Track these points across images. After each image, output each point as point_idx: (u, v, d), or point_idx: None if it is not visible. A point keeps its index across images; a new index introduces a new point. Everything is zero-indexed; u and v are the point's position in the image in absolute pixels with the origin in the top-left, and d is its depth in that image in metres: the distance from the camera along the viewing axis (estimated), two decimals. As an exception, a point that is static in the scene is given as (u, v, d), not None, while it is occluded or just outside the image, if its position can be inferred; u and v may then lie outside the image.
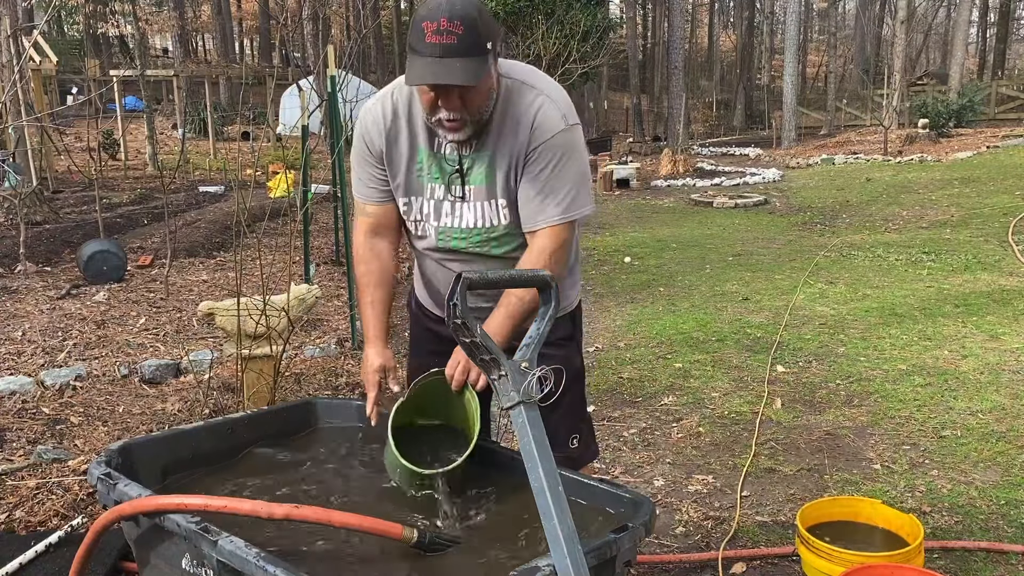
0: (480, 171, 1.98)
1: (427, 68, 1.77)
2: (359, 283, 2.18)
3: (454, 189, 2.00)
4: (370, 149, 2.04)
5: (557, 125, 1.94)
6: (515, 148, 1.95)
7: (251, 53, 45.16)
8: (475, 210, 2.00)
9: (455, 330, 1.48)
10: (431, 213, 2.04)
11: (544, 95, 1.95)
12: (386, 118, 2.01)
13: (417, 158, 2.01)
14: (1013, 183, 11.90)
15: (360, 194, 2.13)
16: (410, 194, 2.05)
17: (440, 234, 2.04)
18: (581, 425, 2.28)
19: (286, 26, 20.12)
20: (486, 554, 1.66)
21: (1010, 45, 39.80)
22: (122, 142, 16.25)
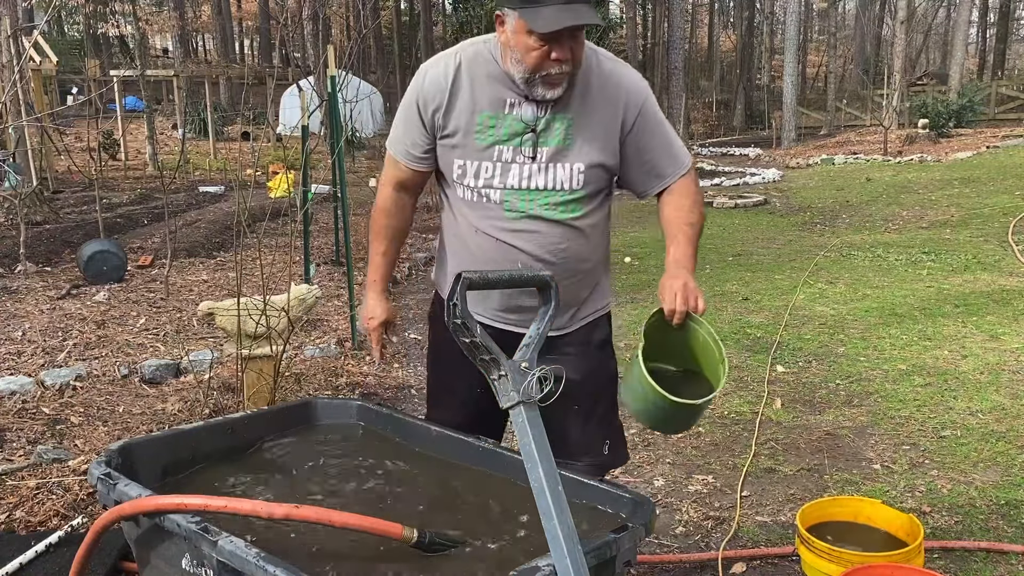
0: (557, 133, 1.96)
1: (560, 13, 1.78)
2: (377, 233, 2.21)
3: (525, 150, 1.97)
4: (422, 109, 2.01)
5: (645, 86, 2.04)
6: (607, 114, 1.98)
7: (251, 53, 45.16)
8: (546, 172, 1.98)
9: (455, 330, 1.48)
10: (495, 175, 1.99)
11: (619, 62, 2.04)
12: (447, 77, 1.98)
13: (477, 120, 1.98)
14: (1013, 183, 11.90)
15: (397, 152, 2.11)
16: (467, 157, 2.01)
17: (507, 196, 2.00)
18: (612, 430, 2.27)
19: (286, 26, 20.09)
20: (486, 554, 1.66)
21: (1010, 45, 39.80)
22: (122, 142, 16.26)
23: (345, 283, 5.86)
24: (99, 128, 12.56)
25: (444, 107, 1.98)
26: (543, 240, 2.01)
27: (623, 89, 1.99)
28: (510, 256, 2.01)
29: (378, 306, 2.23)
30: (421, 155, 2.07)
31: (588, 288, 2.16)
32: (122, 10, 25.95)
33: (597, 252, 2.14)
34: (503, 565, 1.54)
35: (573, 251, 2.05)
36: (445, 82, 1.98)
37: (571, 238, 2.04)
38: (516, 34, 1.86)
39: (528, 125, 1.96)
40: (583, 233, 2.05)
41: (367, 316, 2.25)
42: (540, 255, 2.01)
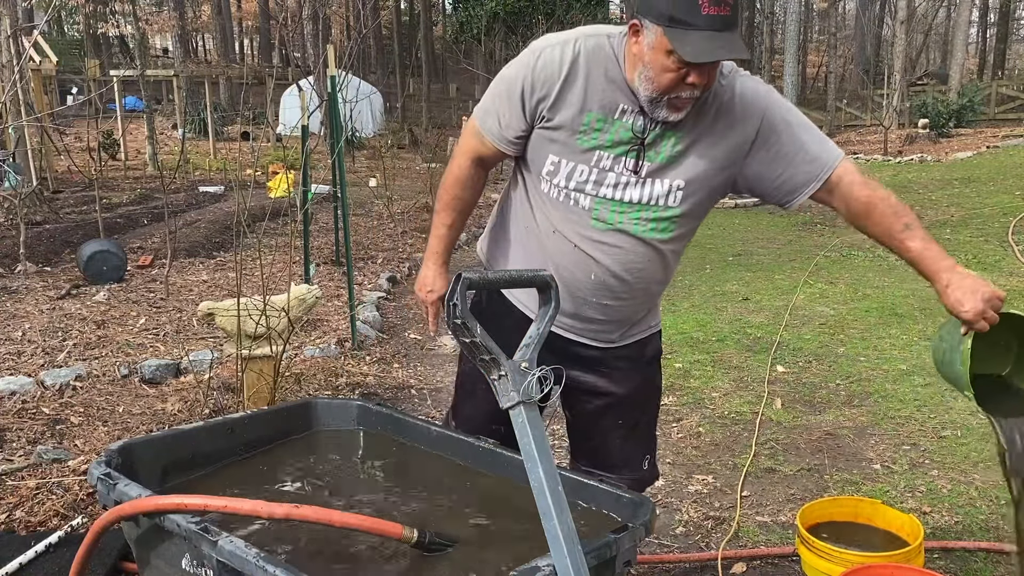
0: (665, 148, 1.85)
1: (712, 42, 1.65)
2: (446, 204, 2.06)
3: (628, 161, 1.85)
4: (527, 93, 1.86)
5: (764, 94, 1.87)
6: (726, 134, 1.85)
7: (251, 53, 45.17)
8: (644, 186, 1.87)
9: (455, 330, 1.48)
10: (589, 180, 1.87)
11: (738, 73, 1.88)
12: (563, 66, 1.82)
13: (583, 119, 1.84)
14: (1013, 183, 11.90)
15: (488, 129, 1.95)
16: (564, 155, 1.88)
17: (597, 204, 1.88)
18: (652, 445, 2.26)
19: (286, 26, 20.09)
20: (486, 554, 1.66)
21: (1010, 45, 39.81)
22: (122, 142, 16.25)
23: (345, 283, 5.86)
24: (99, 128, 12.55)
25: (553, 98, 1.84)
26: (623, 257, 1.92)
27: (744, 103, 1.85)
28: (585, 265, 1.92)
29: (439, 279, 2.10)
30: (514, 139, 1.93)
31: (646, 308, 2.10)
32: (122, 10, 25.96)
33: (668, 276, 2.06)
34: (503, 565, 1.54)
35: (649, 272, 1.97)
36: (559, 71, 1.83)
37: (651, 259, 1.95)
38: (654, 51, 1.72)
39: (637, 136, 1.84)
40: (663, 256, 1.96)
41: (425, 288, 2.12)
42: (616, 271, 1.93)
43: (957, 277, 1.81)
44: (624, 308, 2.02)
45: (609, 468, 2.11)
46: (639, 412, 2.18)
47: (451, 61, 35.04)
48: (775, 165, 1.87)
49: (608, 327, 2.04)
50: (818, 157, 1.86)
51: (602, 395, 2.09)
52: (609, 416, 2.13)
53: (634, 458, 2.19)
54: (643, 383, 2.16)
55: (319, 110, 8.18)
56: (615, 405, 2.11)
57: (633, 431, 2.17)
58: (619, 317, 2.03)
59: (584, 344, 2.05)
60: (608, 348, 2.07)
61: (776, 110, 1.87)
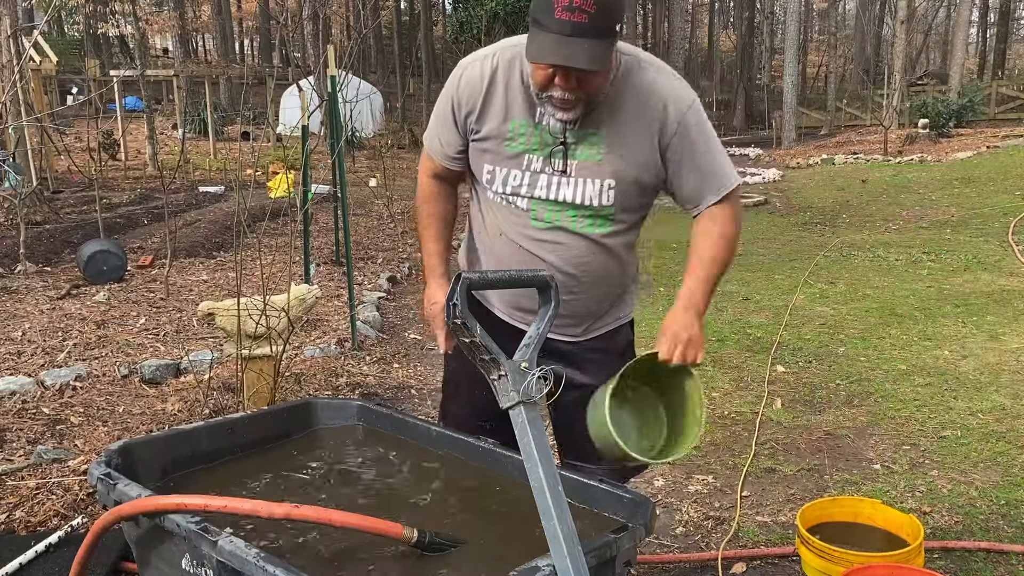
0: (587, 148, 1.89)
1: (552, 46, 1.68)
2: (425, 222, 2.11)
3: (555, 162, 1.90)
4: (456, 110, 1.96)
5: (689, 97, 1.90)
6: (642, 130, 1.88)
7: (251, 53, 45.17)
8: (576, 186, 1.91)
9: (455, 330, 1.48)
10: (523, 184, 1.94)
11: (663, 71, 1.91)
12: (483, 80, 1.91)
13: (508, 127, 1.92)
14: (1013, 183, 11.91)
15: (432, 148, 2.07)
16: (497, 163, 1.95)
17: (533, 205, 1.95)
18: None
19: (286, 26, 20.11)
20: (486, 554, 1.66)
21: (1010, 45, 39.81)
22: (122, 142, 16.24)
23: (345, 283, 5.86)
24: (99, 128, 12.56)
25: (477, 111, 1.93)
26: (567, 253, 1.97)
27: (660, 103, 1.87)
28: (532, 264, 1.97)
29: (439, 291, 2.07)
30: (455, 155, 2.03)
31: (608, 302, 2.12)
32: (122, 10, 25.93)
33: (623, 269, 2.09)
34: (503, 565, 1.54)
35: (597, 265, 2.00)
36: (480, 85, 1.91)
37: (596, 252, 1.99)
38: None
39: (556, 137, 1.89)
40: (609, 250, 2.00)
41: (430, 302, 2.11)
42: (562, 267, 1.96)
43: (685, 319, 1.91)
44: (580, 302, 2.04)
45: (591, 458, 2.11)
46: None
47: (451, 61, 35.01)
48: (684, 174, 1.93)
49: (570, 321, 2.07)
50: (716, 178, 1.94)
51: (578, 387, 2.09)
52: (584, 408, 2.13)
53: None
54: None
55: (319, 110, 8.18)
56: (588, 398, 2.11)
57: None
58: (578, 311, 2.06)
59: (551, 339, 2.05)
60: (577, 341, 2.10)
61: (693, 119, 1.91)
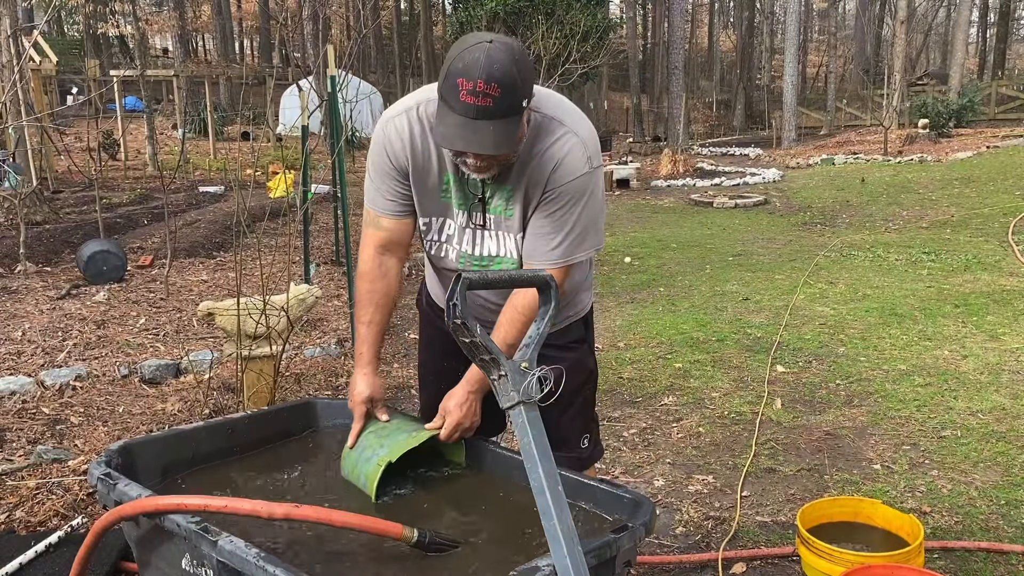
0: (500, 202, 1.94)
1: (458, 130, 1.71)
2: (360, 300, 2.08)
3: (475, 216, 1.96)
4: (392, 162, 1.96)
5: (580, 168, 1.89)
6: (534, 184, 1.90)
7: (251, 53, 45.17)
8: (496, 239, 1.98)
9: (455, 330, 1.48)
10: (454, 236, 2.01)
11: (572, 133, 1.89)
12: (413, 133, 1.93)
13: (443, 179, 1.95)
14: (1013, 183, 11.91)
15: (376, 205, 2.03)
16: (431, 215, 2.00)
17: (461, 258, 2.02)
18: (591, 425, 2.29)
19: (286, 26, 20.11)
20: (486, 554, 1.66)
21: (1010, 45, 39.81)
22: (122, 142, 16.25)
23: (345, 283, 5.86)
24: (99, 128, 12.56)
25: (410, 162, 1.95)
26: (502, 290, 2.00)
27: (554, 162, 1.88)
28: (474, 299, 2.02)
29: (361, 382, 2.02)
30: (402, 201, 2.00)
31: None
32: (122, 10, 25.95)
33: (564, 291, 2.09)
34: (503, 565, 1.54)
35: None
36: (407, 138, 1.93)
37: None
38: None
39: (474, 193, 1.94)
40: None
41: (352, 391, 2.08)
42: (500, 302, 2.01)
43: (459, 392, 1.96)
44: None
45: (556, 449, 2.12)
46: (571, 393, 2.17)
47: (451, 61, 34.93)
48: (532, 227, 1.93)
49: None
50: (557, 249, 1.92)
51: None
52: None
53: (571, 437, 2.21)
54: (571, 365, 2.15)
55: (319, 110, 8.18)
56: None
57: (567, 411, 2.17)
58: None
59: None
60: None
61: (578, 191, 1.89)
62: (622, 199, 13.55)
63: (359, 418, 2.02)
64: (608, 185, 14.51)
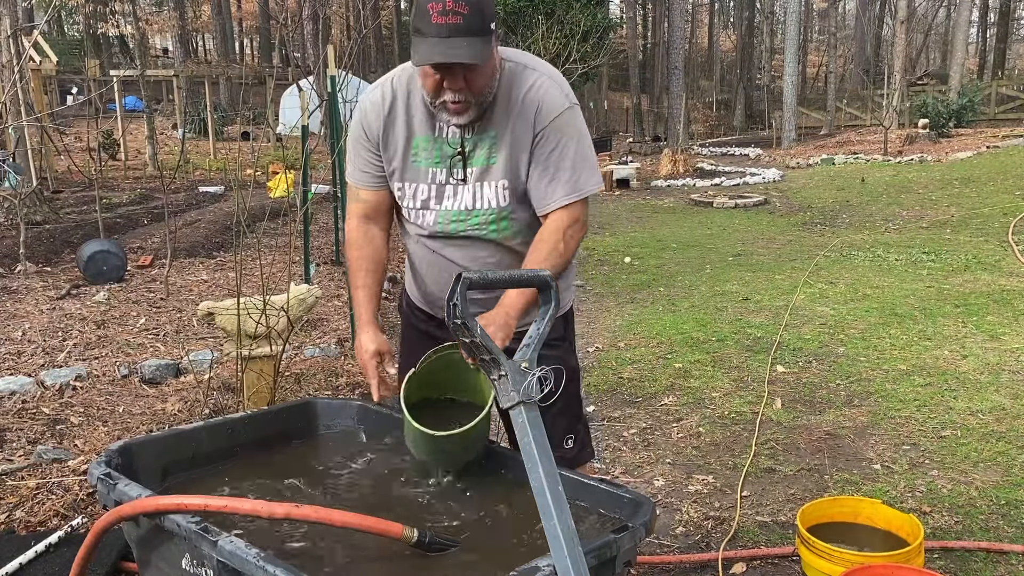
0: (483, 152, 2.00)
1: (434, 48, 1.80)
2: (352, 267, 2.19)
3: (456, 172, 2.01)
4: (367, 134, 2.06)
5: (561, 104, 1.98)
6: (522, 130, 1.98)
7: (251, 53, 45.17)
8: (474, 191, 2.02)
9: (455, 330, 1.48)
10: (431, 198, 2.05)
11: (544, 75, 2.00)
12: (384, 102, 2.03)
13: (413, 143, 2.03)
14: (1013, 183, 11.91)
15: (354, 179, 2.15)
16: (405, 180, 2.06)
17: (440, 217, 2.05)
18: (577, 425, 2.29)
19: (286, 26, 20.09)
20: (486, 554, 1.66)
21: (1010, 45, 39.80)
22: (122, 142, 16.26)
23: (345, 283, 5.86)
24: (99, 128, 12.56)
25: (383, 133, 2.04)
26: (476, 253, 2.07)
27: (536, 105, 1.97)
28: (447, 267, 2.07)
29: (368, 340, 2.10)
30: (377, 174, 2.10)
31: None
32: (122, 10, 25.95)
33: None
34: (503, 565, 1.53)
35: (504, 266, 2.08)
36: (382, 109, 2.03)
37: (502, 254, 2.08)
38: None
39: (454, 148, 1.99)
40: (514, 251, 2.08)
41: (358, 352, 2.15)
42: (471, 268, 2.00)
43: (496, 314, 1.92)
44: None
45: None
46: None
47: (451, 61, 34.97)
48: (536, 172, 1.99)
49: None
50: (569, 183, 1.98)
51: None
52: None
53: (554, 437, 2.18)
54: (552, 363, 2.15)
55: (319, 110, 8.18)
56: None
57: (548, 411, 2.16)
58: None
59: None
60: None
61: (564, 124, 1.97)
62: (622, 199, 13.55)
63: (372, 374, 2.10)
64: (608, 185, 14.51)
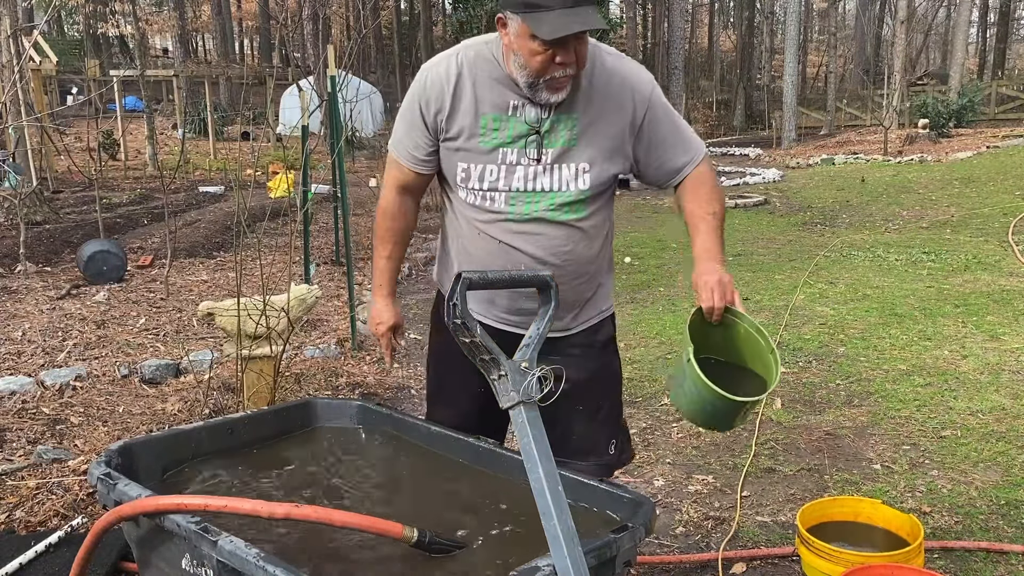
0: (563, 134, 1.95)
1: (565, 19, 1.75)
2: (381, 237, 2.19)
3: (530, 152, 1.95)
4: (424, 111, 1.98)
5: (647, 78, 2.01)
6: (613, 112, 1.96)
7: (251, 53, 45.17)
8: (551, 173, 1.97)
9: (455, 330, 1.48)
10: (499, 178, 1.97)
11: (622, 57, 2.01)
12: (450, 78, 1.95)
13: (480, 123, 1.96)
14: (1013, 183, 11.90)
15: (400, 155, 2.08)
16: (471, 160, 1.98)
17: (511, 199, 1.98)
18: (619, 431, 2.27)
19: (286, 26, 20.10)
20: (486, 554, 1.66)
21: (1010, 45, 39.79)
22: (122, 142, 16.25)
23: (345, 283, 5.86)
24: (99, 128, 12.56)
25: (447, 110, 1.96)
26: (546, 242, 2.00)
27: (628, 85, 1.97)
28: (513, 258, 2.00)
29: (386, 311, 2.23)
30: (424, 157, 2.04)
31: (591, 290, 2.14)
32: (122, 10, 25.94)
33: (600, 254, 2.12)
34: (503, 565, 1.54)
35: (576, 253, 2.04)
36: (447, 85, 1.95)
37: (575, 240, 2.02)
38: (519, 38, 1.83)
39: (532, 127, 1.94)
40: (587, 234, 2.04)
41: (375, 321, 2.26)
42: (543, 257, 2.00)
43: (711, 267, 1.97)
44: (563, 292, 2.02)
45: (575, 455, 2.11)
46: (600, 398, 2.19)
47: (451, 61, 34.99)
48: (657, 148, 2.03)
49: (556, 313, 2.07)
50: (689, 145, 2.06)
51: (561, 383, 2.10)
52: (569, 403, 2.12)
53: (599, 444, 2.20)
54: (600, 368, 2.18)
55: (319, 110, 8.18)
56: (573, 392, 2.11)
57: (595, 416, 2.18)
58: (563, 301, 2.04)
59: None
60: (559, 337, 2.09)
61: (660, 97, 2.02)
62: (622, 199, 13.54)
63: (386, 344, 2.26)
64: (608, 185, 14.48)
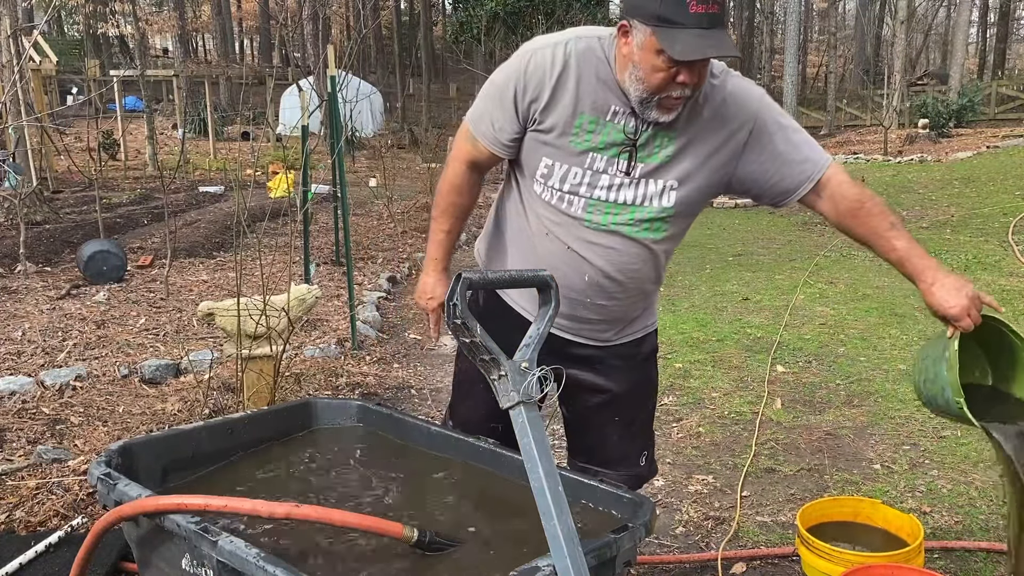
0: (657, 148, 1.85)
1: (700, 41, 1.66)
2: (444, 210, 2.07)
3: (620, 163, 1.85)
4: (519, 95, 1.86)
5: (756, 91, 1.91)
6: (717, 132, 1.86)
7: (251, 53, 45.18)
8: (637, 186, 1.87)
9: (455, 330, 1.48)
10: (583, 183, 1.87)
11: (727, 71, 1.91)
12: (555, 66, 1.82)
13: (576, 121, 1.84)
14: (1013, 183, 11.90)
15: (481, 132, 1.95)
16: (557, 158, 1.88)
17: (590, 206, 1.88)
18: (649, 443, 2.26)
19: (286, 26, 20.11)
20: (486, 554, 1.66)
21: (1010, 45, 39.80)
22: (122, 142, 16.25)
23: (345, 283, 5.86)
24: (99, 128, 12.56)
25: (544, 101, 1.84)
26: (616, 257, 1.92)
27: (734, 103, 1.87)
28: (578, 267, 1.93)
29: (439, 285, 2.11)
30: (508, 142, 1.93)
31: (641, 308, 2.10)
32: (122, 10, 25.95)
33: (661, 275, 2.07)
34: (503, 565, 1.54)
35: (643, 273, 1.98)
36: (551, 73, 1.82)
37: (644, 260, 1.95)
38: (644, 51, 1.72)
39: (629, 137, 1.84)
40: (656, 258, 1.97)
41: (426, 295, 2.14)
42: (610, 272, 1.93)
43: (942, 275, 1.84)
44: (618, 308, 2.02)
45: (606, 464, 2.12)
46: (636, 409, 2.19)
47: (451, 61, 35.05)
48: (769, 166, 1.90)
49: (603, 326, 2.05)
50: (809, 158, 1.92)
51: (599, 392, 2.09)
52: (606, 413, 2.14)
53: (631, 454, 2.20)
54: (640, 380, 2.17)
55: (319, 110, 8.18)
56: (611, 402, 2.12)
57: (630, 427, 2.18)
58: (614, 316, 2.04)
59: (580, 343, 2.06)
60: (604, 346, 2.08)
61: (768, 113, 1.90)
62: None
63: (434, 318, 2.14)
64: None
